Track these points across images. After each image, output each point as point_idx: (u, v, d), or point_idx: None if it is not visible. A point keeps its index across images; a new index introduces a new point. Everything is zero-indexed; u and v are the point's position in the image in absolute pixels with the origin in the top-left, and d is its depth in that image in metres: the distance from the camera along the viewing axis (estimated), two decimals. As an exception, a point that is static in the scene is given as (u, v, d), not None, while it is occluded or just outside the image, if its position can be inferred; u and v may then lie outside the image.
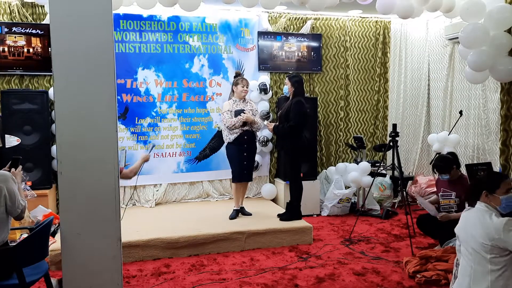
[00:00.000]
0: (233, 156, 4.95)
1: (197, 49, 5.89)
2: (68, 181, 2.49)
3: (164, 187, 5.84)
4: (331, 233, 5.00)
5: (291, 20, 6.31)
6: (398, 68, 6.79)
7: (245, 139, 4.89)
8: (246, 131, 4.88)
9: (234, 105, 4.92)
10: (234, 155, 4.94)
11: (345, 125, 6.67)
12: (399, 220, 5.48)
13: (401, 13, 4.68)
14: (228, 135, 4.91)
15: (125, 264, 3.83)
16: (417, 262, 3.75)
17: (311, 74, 6.47)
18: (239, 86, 4.92)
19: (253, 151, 5.06)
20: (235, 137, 4.86)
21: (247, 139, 4.91)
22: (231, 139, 4.89)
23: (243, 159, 4.92)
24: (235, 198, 5.09)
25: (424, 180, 6.27)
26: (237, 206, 5.04)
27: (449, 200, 4.26)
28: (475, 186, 2.64)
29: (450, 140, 5.60)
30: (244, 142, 4.89)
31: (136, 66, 5.67)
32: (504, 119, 4.59)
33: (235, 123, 4.81)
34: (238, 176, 4.97)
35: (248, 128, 4.89)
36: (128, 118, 5.67)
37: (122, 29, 5.57)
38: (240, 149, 4.90)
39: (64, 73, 2.46)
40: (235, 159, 4.94)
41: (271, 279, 3.68)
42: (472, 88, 5.53)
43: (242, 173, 4.95)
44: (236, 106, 4.90)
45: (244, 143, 4.90)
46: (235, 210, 5.01)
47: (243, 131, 4.86)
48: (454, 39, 5.63)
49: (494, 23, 4.37)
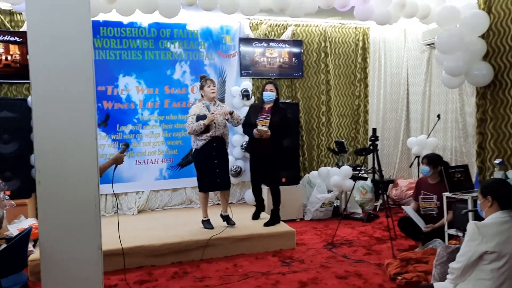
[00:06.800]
0: (200, 164, 4.66)
1: (179, 55, 5.90)
2: (47, 190, 2.46)
3: (147, 194, 5.81)
4: (314, 237, 5.03)
5: (272, 27, 6.38)
6: (378, 74, 6.91)
7: (214, 146, 4.59)
8: (215, 138, 4.58)
9: (204, 109, 4.61)
10: (201, 163, 4.64)
11: (327, 130, 6.74)
12: (381, 223, 5.55)
13: (379, 19, 4.77)
14: (196, 141, 4.61)
15: (106, 273, 3.77)
16: (398, 264, 3.80)
17: (292, 80, 6.53)
18: (206, 88, 4.63)
19: (225, 157, 4.72)
20: (203, 144, 4.56)
21: (216, 146, 4.60)
22: (198, 146, 4.58)
23: (214, 167, 4.61)
24: (202, 208, 4.80)
25: (405, 183, 6.37)
26: (205, 217, 4.76)
27: (430, 203, 4.33)
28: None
29: (429, 143, 5.72)
30: (213, 149, 4.59)
31: (117, 73, 5.65)
32: (479, 123, 4.72)
33: (196, 128, 4.50)
34: (204, 185, 4.68)
35: (218, 134, 4.58)
36: (109, 125, 5.64)
37: (102, 36, 5.54)
38: (208, 157, 4.58)
39: (42, 81, 2.44)
40: (202, 167, 4.65)
41: (254, 284, 3.69)
42: (449, 92, 5.65)
43: (213, 181, 4.64)
44: (205, 110, 4.59)
45: (213, 150, 4.59)
46: (204, 221, 4.75)
47: (211, 137, 4.56)
48: (431, 45, 5.75)
49: (469, 29, 4.49)
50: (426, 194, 4.36)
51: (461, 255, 2.43)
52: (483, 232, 2.38)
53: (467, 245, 2.42)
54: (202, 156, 4.62)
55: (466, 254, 2.39)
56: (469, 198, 3.80)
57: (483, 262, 2.37)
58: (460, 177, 4.05)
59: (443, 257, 2.98)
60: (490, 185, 2.61)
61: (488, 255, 2.34)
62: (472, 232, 2.41)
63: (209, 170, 4.62)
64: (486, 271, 2.36)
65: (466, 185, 4.04)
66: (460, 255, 2.44)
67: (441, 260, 3.00)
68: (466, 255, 2.39)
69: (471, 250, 2.38)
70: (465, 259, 2.39)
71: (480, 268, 2.38)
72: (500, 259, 2.33)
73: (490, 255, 2.34)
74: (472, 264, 2.39)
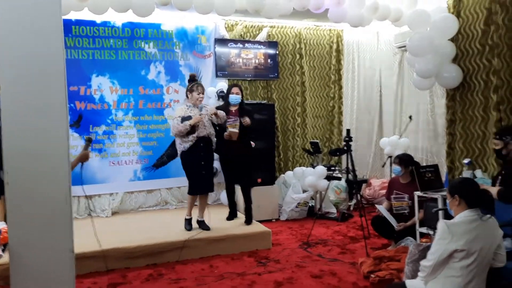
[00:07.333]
0: (190, 166, 4.58)
1: (153, 55, 5.84)
2: (16, 192, 2.39)
3: (121, 196, 5.72)
4: (289, 237, 5.06)
5: (248, 28, 6.39)
6: (352, 75, 7.01)
7: (201, 146, 4.54)
8: (202, 138, 4.52)
9: (188, 110, 4.55)
10: (191, 165, 4.57)
11: (302, 130, 6.79)
12: (355, 222, 5.63)
13: (352, 22, 4.86)
14: (182, 144, 4.52)
15: (78, 277, 3.71)
16: (371, 262, 3.87)
17: (268, 81, 6.55)
18: (195, 93, 4.55)
19: (211, 159, 4.72)
20: (190, 145, 4.49)
21: (203, 146, 4.55)
22: (185, 148, 4.50)
23: (201, 169, 4.55)
24: (188, 208, 4.77)
25: (378, 182, 6.49)
26: (189, 215, 4.74)
27: (401, 203, 4.43)
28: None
29: (401, 143, 5.84)
30: (200, 150, 4.53)
31: (90, 72, 5.54)
32: (449, 124, 4.85)
33: (181, 128, 4.42)
34: (196, 188, 4.63)
35: (204, 135, 4.54)
36: (82, 126, 5.52)
37: (74, 35, 5.43)
38: (196, 158, 4.53)
39: (11, 81, 2.37)
40: (192, 170, 4.57)
41: (230, 285, 3.69)
42: (420, 94, 5.79)
43: (202, 184, 4.60)
44: (190, 111, 4.54)
45: (201, 151, 4.53)
46: (187, 219, 4.73)
47: (198, 138, 4.50)
48: (402, 48, 5.88)
49: (439, 32, 4.61)
50: (398, 194, 4.45)
51: (431, 253, 2.49)
52: (452, 230, 2.44)
53: (437, 243, 2.48)
54: (191, 158, 4.55)
55: (437, 252, 2.45)
56: (439, 197, 3.90)
57: (453, 260, 2.43)
58: (431, 176, 4.16)
59: (415, 255, 3.04)
60: (458, 184, 2.67)
61: (457, 253, 2.40)
62: (442, 231, 2.47)
63: (198, 172, 4.56)
64: (455, 269, 2.43)
65: (436, 184, 4.15)
66: (430, 253, 2.50)
67: (412, 258, 3.06)
68: (437, 253, 2.45)
69: (442, 248, 2.44)
70: (436, 257, 2.45)
71: (450, 265, 2.44)
72: (469, 256, 2.40)
73: (459, 253, 2.40)
74: (442, 262, 2.45)
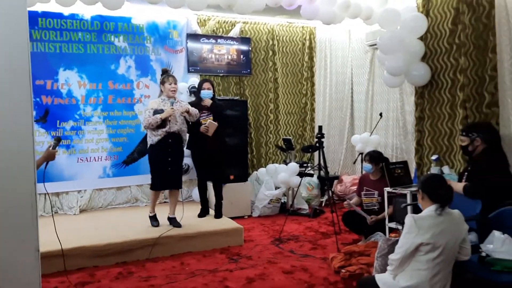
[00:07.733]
0: (154, 161, 4.55)
1: (123, 50, 5.73)
2: (-23, 190, 2.30)
3: (89, 193, 5.60)
4: (261, 234, 5.07)
5: (220, 23, 6.35)
6: (324, 73, 7.07)
7: (170, 142, 4.48)
8: (172, 134, 4.47)
9: (162, 103, 4.51)
10: (155, 160, 4.53)
11: (275, 127, 6.81)
12: (326, 218, 5.69)
13: (324, 19, 4.89)
14: (151, 137, 4.47)
15: (45, 276, 3.61)
16: (342, 257, 3.92)
17: (241, 77, 6.53)
18: (167, 84, 4.52)
19: (180, 156, 4.65)
20: (158, 139, 4.44)
21: (172, 143, 4.50)
22: (154, 141, 4.46)
23: (167, 165, 4.50)
24: (151, 204, 4.74)
25: (349, 179, 6.58)
26: (152, 212, 4.72)
27: (371, 199, 4.50)
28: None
29: (372, 140, 5.93)
30: (168, 145, 4.48)
31: (57, 66, 5.38)
32: (418, 121, 4.96)
33: (152, 121, 4.37)
34: (158, 183, 4.59)
35: (174, 130, 4.49)
36: (48, 122, 5.37)
37: (40, 27, 5.26)
38: (163, 153, 4.48)
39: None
40: (156, 164, 4.54)
41: (201, 282, 3.66)
42: (390, 91, 5.89)
43: (165, 180, 4.56)
44: (164, 105, 4.49)
45: (169, 146, 4.48)
46: (151, 216, 4.70)
47: (167, 133, 4.45)
48: (373, 46, 5.96)
49: (409, 31, 4.70)
50: (368, 190, 4.52)
51: (399, 247, 2.54)
52: (419, 224, 2.50)
53: (404, 237, 2.53)
54: (156, 152, 4.51)
55: (404, 245, 2.50)
56: (408, 192, 3.98)
57: (419, 253, 2.49)
58: (400, 172, 4.24)
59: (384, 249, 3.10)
60: (423, 180, 2.73)
61: (423, 246, 2.46)
62: (410, 225, 2.52)
63: (162, 167, 4.51)
64: (422, 262, 2.48)
65: (406, 181, 4.23)
66: (398, 247, 2.55)
67: (382, 252, 3.12)
68: (404, 247, 2.50)
69: (409, 242, 2.49)
70: (403, 250, 2.50)
71: (417, 259, 2.50)
72: (434, 250, 2.45)
73: (425, 246, 2.46)
74: (409, 255, 2.50)
